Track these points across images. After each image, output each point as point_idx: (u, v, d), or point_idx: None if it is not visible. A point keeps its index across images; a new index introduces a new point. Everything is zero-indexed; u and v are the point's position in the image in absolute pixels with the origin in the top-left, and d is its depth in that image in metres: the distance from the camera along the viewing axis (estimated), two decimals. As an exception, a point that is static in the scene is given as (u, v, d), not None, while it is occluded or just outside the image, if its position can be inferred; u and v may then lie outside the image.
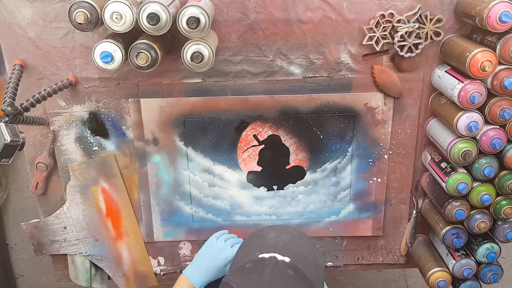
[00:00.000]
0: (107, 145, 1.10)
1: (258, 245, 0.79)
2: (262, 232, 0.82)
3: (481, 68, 0.89)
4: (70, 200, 1.13)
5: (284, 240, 0.79)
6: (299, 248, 0.79)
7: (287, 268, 0.73)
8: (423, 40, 0.99)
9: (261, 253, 0.75)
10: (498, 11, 0.86)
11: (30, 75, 1.03)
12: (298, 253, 0.77)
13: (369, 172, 1.13)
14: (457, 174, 0.99)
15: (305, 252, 0.78)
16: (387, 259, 1.23)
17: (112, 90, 1.05)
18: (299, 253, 0.77)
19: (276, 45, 1.02)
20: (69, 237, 1.16)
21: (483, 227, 1.02)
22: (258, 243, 0.80)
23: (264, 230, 0.83)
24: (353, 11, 0.99)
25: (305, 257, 0.77)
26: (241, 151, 1.11)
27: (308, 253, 0.79)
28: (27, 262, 2.03)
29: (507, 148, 0.98)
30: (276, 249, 0.76)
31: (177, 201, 1.15)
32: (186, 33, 0.85)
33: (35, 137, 1.09)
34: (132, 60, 0.88)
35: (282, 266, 0.74)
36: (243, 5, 0.98)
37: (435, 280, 1.08)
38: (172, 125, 1.07)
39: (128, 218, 1.16)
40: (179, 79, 1.05)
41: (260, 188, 1.14)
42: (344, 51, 1.03)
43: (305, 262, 0.76)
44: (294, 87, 1.06)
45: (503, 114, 0.93)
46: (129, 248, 1.18)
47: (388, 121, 1.08)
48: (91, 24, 0.84)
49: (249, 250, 0.79)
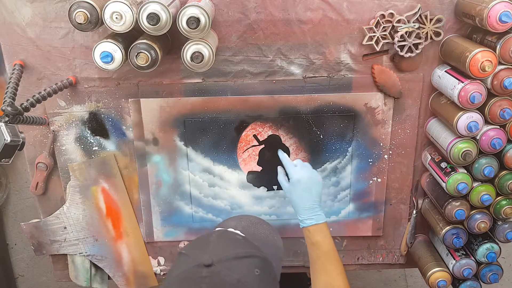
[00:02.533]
0: (107, 145, 1.10)
1: None
2: (223, 222, 0.84)
3: (481, 68, 0.89)
4: (70, 200, 1.13)
5: (243, 225, 0.81)
6: (257, 231, 0.81)
7: (235, 235, 0.75)
8: (423, 40, 0.99)
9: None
10: (498, 11, 0.86)
11: (30, 75, 1.03)
12: (256, 234, 0.79)
13: (369, 172, 1.13)
14: (457, 174, 0.99)
15: (262, 235, 0.80)
16: (387, 259, 1.23)
17: (112, 90, 1.05)
18: (257, 234, 0.79)
19: (276, 45, 1.02)
20: (69, 237, 1.16)
21: (483, 227, 1.02)
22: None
23: (225, 220, 0.86)
24: (353, 11, 0.99)
25: (263, 238, 0.79)
26: (241, 151, 1.11)
27: (266, 234, 0.81)
28: (27, 262, 2.03)
29: (507, 148, 0.98)
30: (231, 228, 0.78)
31: (177, 201, 1.15)
32: (186, 33, 0.85)
33: (35, 137, 1.09)
34: (132, 60, 0.88)
35: (230, 233, 0.76)
36: (243, 5, 0.98)
37: (435, 280, 1.08)
38: (172, 125, 1.07)
39: (128, 218, 1.16)
40: (179, 79, 1.05)
41: (260, 188, 1.14)
42: (344, 51, 1.03)
43: (262, 241, 0.78)
44: (294, 87, 1.06)
45: (503, 114, 0.93)
46: (129, 248, 1.18)
47: (388, 121, 1.08)
48: (91, 24, 0.84)
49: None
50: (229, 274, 0.66)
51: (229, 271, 0.67)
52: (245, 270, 0.68)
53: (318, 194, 0.98)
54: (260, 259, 0.71)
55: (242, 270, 0.68)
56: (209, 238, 0.73)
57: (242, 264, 0.69)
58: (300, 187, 0.98)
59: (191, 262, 0.69)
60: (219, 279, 0.66)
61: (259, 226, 0.83)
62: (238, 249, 0.71)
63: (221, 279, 0.66)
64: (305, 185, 0.98)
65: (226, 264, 0.67)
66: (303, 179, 0.98)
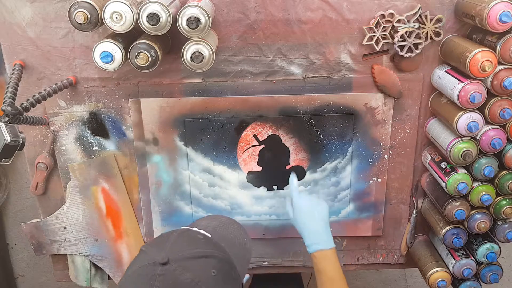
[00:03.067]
0: (107, 145, 1.10)
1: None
2: (196, 222, 0.84)
3: (481, 68, 0.89)
4: (70, 200, 1.13)
5: (213, 225, 0.81)
6: (226, 232, 0.80)
7: (197, 234, 0.75)
8: (423, 40, 0.99)
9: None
10: (498, 11, 0.86)
11: (30, 75, 1.03)
12: (224, 235, 0.79)
13: (369, 172, 1.13)
14: (457, 174, 0.99)
15: (231, 235, 0.80)
16: (387, 259, 1.23)
17: (112, 90, 1.05)
18: (224, 236, 0.79)
19: (276, 45, 1.02)
20: (69, 237, 1.16)
21: (483, 227, 1.02)
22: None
23: (198, 219, 0.85)
24: (353, 11, 0.99)
25: (231, 238, 0.79)
26: (241, 151, 1.11)
27: (235, 235, 0.81)
28: (27, 262, 2.03)
29: (507, 148, 0.98)
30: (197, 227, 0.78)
31: (177, 201, 1.15)
32: (186, 33, 0.85)
33: (35, 137, 1.09)
34: (132, 60, 0.88)
35: (193, 232, 0.75)
36: (243, 5, 0.98)
37: (435, 280, 1.08)
38: (172, 125, 1.07)
39: (128, 218, 1.16)
40: (179, 79, 1.05)
41: (260, 188, 1.14)
42: (344, 51, 1.03)
43: (230, 242, 0.77)
44: (294, 87, 1.06)
45: (503, 114, 0.93)
46: (129, 248, 1.18)
47: (388, 121, 1.08)
48: (91, 24, 0.84)
49: None
50: (183, 273, 0.66)
51: (183, 270, 0.67)
52: (200, 270, 0.68)
53: (322, 218, 0.99)
54: (219, 259, 0.71)
55: (198, 269, 0.68)
56: (169, 236, 0.73)
57: (198, 264, 0.69)
58: (302, 213, 0.99)
59: (148, 260, 0.69)
60: (173, 278, 0.66)
61: (229, 226, 0.83)
62: (196, 248, 0.71)
63: (175, 277, 0.66)
64: (307, 210, 0.99)
65: (181, 263, 0.67)
66: (304, 206, 1.00)
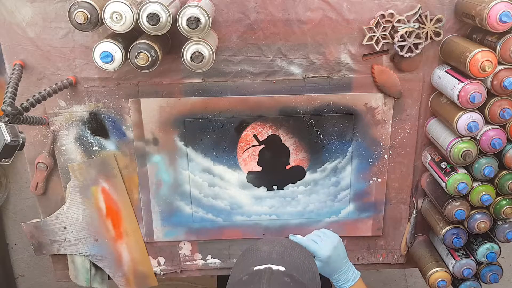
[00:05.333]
0: (107, 145, 1.10)
1: (253, 259, 0.80)
2: (255, 247, 0.83)
3: (481, 68, 0.89)
4: (70, 200, 1.13)
5: (278, 252, 0.80)
6: (293, 257, 0.80)
7: (283, 276, 0.74)
8: (423, 40, 0.99)
9: (256, 266, 0.76)
10: (498, 11, 0.86)
11: (30, 75, 1.03)
12: (292, 262, 0.79)
13: (369, 172, 1.13)
14: (457, 174, 0.99)
15: (299, 260, 0.80)
16: (387, 259, 1.23)
17: (112, 90, 1.05)
18: (293, 262, 0.79)
19: (276, 45, 1.02)
20: (69, 237, 1.16)
21: (483, 227, 1.02)
22: (253, 257, 0.80)
23: (257, 244, 0.84)
24: (353, 11, 0.99)
25: (299, 265, 0.79)
26: (241, 151, 1.11)
27: (302, 261, 0.80)
28: (27, 262, 2.03)
29: (507, 148, 0.98)
30: (270, 261, 0.77)
31: (177, 201, 1.15)
32: (186, 33, 0.85)
33: (35, 137, 1.09)
34: (132, 60, 0.88)
35: (277, 275, 0.75)
36: (243, 5, 0.98)
37: (435, 280, 1.08)
38: (172, 125, 1.07)
39: (128, 218, 1.16)
40: (179, 79, 1.05)
41: (260, 188, 1.14)
42: (344, 51, 1.03)
43: (299, 269, 0.78)
44: (294, 87, 1.06)
45: (503, 114, 0.93)
46: (129, 248, 1.18)
47: (388, 121, 1.08)
48: (91, 24, 0.84)
49: (244, 265, 0.79)
50: None
51: None
52: None
53: (344, 254, 1.01)
54: None
55: None
56: (259, 283, 0.73)
57: None
58: (331, 260, 0.98)
59: None
60: None
61: (293, 250, 0.82)
62: None
63: None
64: (334, 255, 0.98)
65: None
66: (331, 253, 0.98)
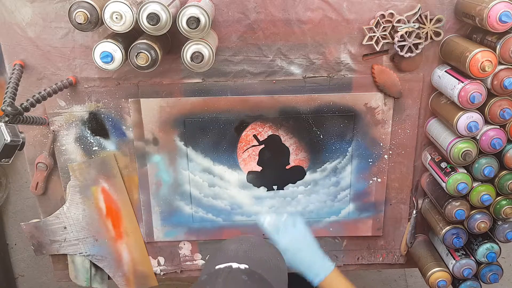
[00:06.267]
0: (107, 145, 1.10)
1: (219, 258, 0.79)
2: (224, 246, 0.82)
3: (481, 68, 0.89)
4: (70, 200, 1.13)
5: (244, 249, 0.80)
6: (260, 254, 0.79)
7: (241, 274, 0.74)
8: (423, 40, 0.99)
9: (218, 265, 0.76)
10: (498, 11, 0.86)
11: (30, 75, 1.03)
12: (258, 259, 0.78)
13: (369, 172, 1.13)
14: (457, 174, 0.99)
15: (265, 257, 0.79)
16: (387, 259, 1.23)
17: (112, 90, 1.05)
18: (259, 260, 0.78)
19: (276, 45, 1.02)
20: (69, 237, 1.16)
21: (483, 227, 1.02)
22: (220, 256, 0.80)
23: (225, 243, 0.83)
24: (353, 11, 0.99)
25: (265, 262, 0.78)
26: (241, 151, 1.11)
27: (269, 258, 0.80)
28: (27, 262, 2.03)
29: (507, 148, 0.98)
30: (235, 259, 0.76)
31: (177, 201, 1.15)
32: (186, 33, 0.85)
33: (35, 137, 1.09)
34: (132, 60, 0.88)
35: (236, 273, 0.74)
36: (243, 5, 0.98)
37: (435, 280, 1.08)
38: (172, 125, 1.07)
39: (128, 218, 1.16)
40: (179, 79, 1.05)
41: (260, 188, 1.14)
42: (344, 51, 1.03)
43: (264, 266, 0.77)
44: (294, 87, 1.06)
45: (503, 114, 0.93)
46: (129, 248, 1.18)
47: (388, 121, 1.08)
48: (91, 24, 0.84)
49: (209, 265, 0.79)
50: None
51: None
52: None
53: (310, 246, 0.94)
54: None
55: None
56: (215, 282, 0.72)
57: None
58: (290, 253, 0.92)
59: None
60: None
61: (260, 247, 0.81)
62: None
63: None
64: (293, 248, 0.92)
65: None
66: (288, 245, 0.92)
